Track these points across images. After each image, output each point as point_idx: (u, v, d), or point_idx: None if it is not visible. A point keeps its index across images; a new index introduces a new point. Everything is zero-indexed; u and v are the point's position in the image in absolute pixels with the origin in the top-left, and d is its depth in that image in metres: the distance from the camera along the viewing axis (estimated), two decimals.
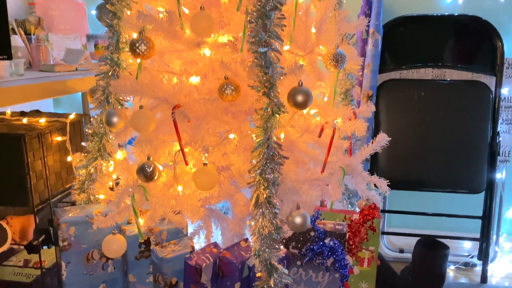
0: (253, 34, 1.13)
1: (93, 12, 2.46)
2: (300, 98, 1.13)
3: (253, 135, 1.14)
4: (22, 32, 1.86)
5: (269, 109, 1.12)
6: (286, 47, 1.30)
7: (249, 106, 1.28)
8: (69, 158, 1.47)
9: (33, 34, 1.96)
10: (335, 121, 1.37)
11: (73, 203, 1.46)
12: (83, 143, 1.40)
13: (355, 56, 1.44)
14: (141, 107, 1.16)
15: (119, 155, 1.44)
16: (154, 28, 1.17)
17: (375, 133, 2.11)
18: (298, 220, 1.18)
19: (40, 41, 1.90)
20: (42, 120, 1.40)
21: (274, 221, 1.14)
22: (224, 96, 1.17)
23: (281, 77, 1.14)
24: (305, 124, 1.31)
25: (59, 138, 1.44)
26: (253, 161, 1.14)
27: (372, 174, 2.13)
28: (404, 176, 2.13)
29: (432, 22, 2.07)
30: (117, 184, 1.48)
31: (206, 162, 1.14)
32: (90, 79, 1.50)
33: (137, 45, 1.11)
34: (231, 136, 1.22)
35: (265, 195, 1.13)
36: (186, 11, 1.26)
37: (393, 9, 2.14)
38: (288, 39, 1.33)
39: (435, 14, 2.08)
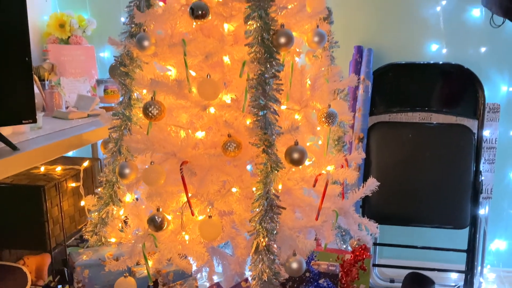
0: (253, 98, 1.23)
1: (101, 54, 2.58)
2: (296, 156, 1.24)
3: (254, 188, 1.24)
4: (37, 79, 1.96)
5: (268, 165, 1.23)
6: (283, 107, 1.40)
7: (249, 158, 1.38)
8: (82, 203, 1.55)
9: (47, 80, 2.06)
10: (328, 168, 1.49)
11: (84, 240, 1.54)
12: (96, 190, 1.48)
13: (346, 111, 1.55)
14: (152, 163, 1.26)
15: (128, 197, 1.54)
16: (165, 91, 1.28)
17: (366, 172, 2.21)
18: (294, 265, 1.27)
19: (53, 87, 2.00)
20: (58, 169, 1.49)
21: (272, 267, 1.23)
22: (227, 153, 1.27)
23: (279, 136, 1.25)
24: (301, 175, 1.41)
25: (73, 184, 1.53)
26: (254, 211, 1.23)
27: (364, 209, 2.25)
28: (394, 211, 2.23)
29: (419, 70, 2.20)
30: (125, 223, 1.58)
31: (211, 215, 1.24)
32: (103, 129, 1.60)
33: (149, 109, 1.22)
34: (234, 190, 1.31)
35: (264, 243, 1.22)
36: (193, 73, 1.37)
37: (383, 57, 2.26)
38: (285, 97, 1.44)
39: (422, 62, 2.20)
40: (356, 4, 2.27)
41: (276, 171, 1.22)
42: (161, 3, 1.47)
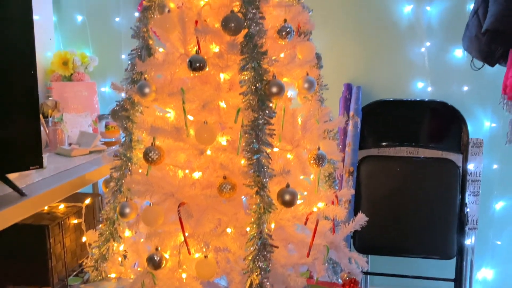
0: (247, 142, 1.30)
1: (103, 89, 2.65)
2: (287, 197, 1.29)
3: (247, 228, 1.29)
4: (41, 116, 2.02)
5: (261, 206, 1.28)
6: (276, 149, 1.46)
7: (244, 194, 1.44)
8: (84, 239, 1.60)
9: (50, 117, 2.12)
10: (319, 205, 1.55)
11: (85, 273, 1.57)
12: (97, 227, 1.53)
13: (335, 151, 1.61)
14: (151, 204, 1.31)
15: (127, 232, 1.58)
16: (164, 136, 1.34)
17: (356, 203, 2.27)
18: None
19: (56, 124, 2.06)
20: (61, 206, 1.54)
21: None
22: (223, 194, 1.33)
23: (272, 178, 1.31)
24: (293, 213, 1.46)
25: (76, 221, 1.57)
26: (248, 249, 1.28)
27: (354, 240, 2.29)
28: (383, 242, 2.28)
29: (406, 106, 2.28)
30: (125, 257, 1.62)
31: (207, 254, 1.29)
32: (104, 168, 1.65)
33: (150, 154, 1.28)
34: (229, 230, 1.37)
35: (257, 281, 1.27)
36: (191, 118, 1.44)
37: (371, 94, 2.34)
38: (277, 138, 1.50)
39: (408, 99, 2.28)
40: (345, 45, 2.36)
41: (268, 212, 1.27)
42: (161, 49, 1.55)
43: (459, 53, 2.22)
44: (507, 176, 2.30)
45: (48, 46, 2.52)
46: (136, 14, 2.54)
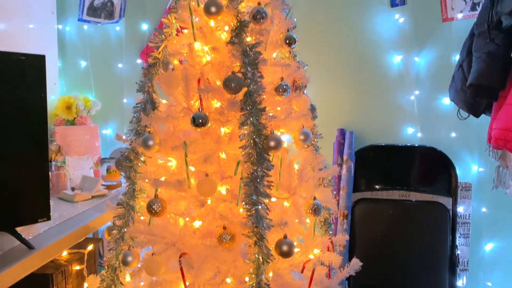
0: (246, 194, 1.34)
1: (104, 132, 2.69)
2: (285, 248, 1.33)
3: (246, 278, 1.32)
4: None
5: (259, 257, 1.31)
6: (273, 199, 1.50)
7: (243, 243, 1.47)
8: (85, 285, 1.61)
9: (53, 161, 2.16)
10: (315, 251, 1.57)
11: None
12: (99, 274, 1.55)
13: (330, 199, 1.65)
14: (153, 254, 1.34)
15: (128, 277, 1.60)
16: (167, 187, 1.38)
17: (351, 244, 2.29)
18: None
19: (59, 168, 2.09)
20: (65, 253, 1.56)
21: None
22: (222, 244, 1.35)
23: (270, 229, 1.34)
24: (290, 262, 1.49)
25: (78, 267, 1.59)
26: None
27: (349, 281, 2.31)
28: (377, 283, 2.29)
29: (397, 151, 2.34)
30: None
31: None
32: (107, 215, 1.68)
33: (153, 206, 1.32)
34: (228, 280, 1.39)
35: None
36: (192, 168, 1.48)
37: (364, 138, 2.40)
38: (275, 187, 1.54)
39: (399, 145, 2.35)
40: (339, 91, 2.44)
41: (267, 263, 1.30)
42: (164, 101, 1.61)
43: (446, 101, 2.30)
44: (496, 218, 2.34)
45: (52, 91, 2.58)
46: (139, 61, 2.62)
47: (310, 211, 1.47)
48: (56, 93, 2.60)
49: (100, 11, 2.61)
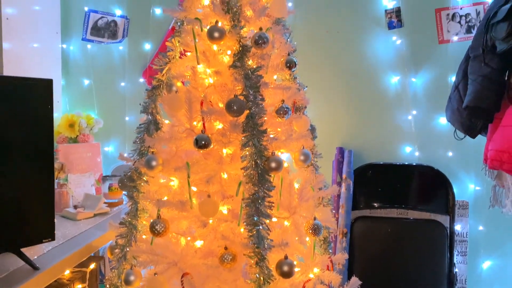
0: (248, 215, 1.35)
1: (106, 149, 2.71)
2: (286, 268, 1.34)
3: None
4: None
5: (260, 277, 1.32)
6: (274, 219, 1.52)
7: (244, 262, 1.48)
8: None
9: (56, 179, 2.17)
10: (315, 270, 1.58)
11: None
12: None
13: (330, 218, 1.66)
14: (155, 274, 1.34)
15: None
16: (169, 208, 1.39)
17: (350, 261, 2.30)
18: None
19: (62, 186, 2.11)
20: (67, 272, 1.56)
21: None
22: (223, 264, 1.36)
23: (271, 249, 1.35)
24: (290, 282, 1.50)
25: (80, 286, 1.59)
26: None
27: None
28: None
29: (395, 170, 2.36)
30: None
31: None
32: (109, 234, 1.69)
33: (156, 227, 1.33)
34: None
35: None
36: (194, 189, 1.49)
37: (363, 157, 2.42)
38: (276, 207, 1.56)
39: (397, 163, 2.37)
40: (338, 111, 2.47)
41: (268, 283, 1.31)
42: (167, 121, 1.63)
43: (443, 120, 2.32)
44: (493, 236, 2.36)
45: (55, 108, 2.58)
46: (141, 80, 2.65)
47: (311, 231, 1.48)
48: (59, 110, 2.63)
49: (103, 31, 2.65)
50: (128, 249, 1.52)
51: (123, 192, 1.88)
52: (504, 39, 1.51)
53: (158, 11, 2.61)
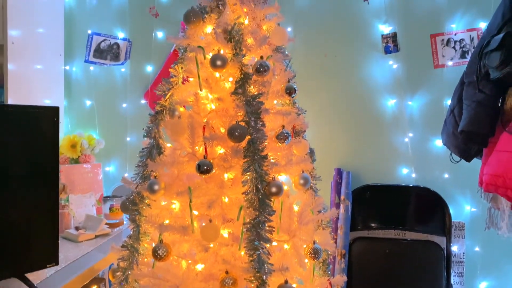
0: (248, 239, 1.36)
1: (107, 169, 2.72)
2: None
3: None
4: None
5: None
6: (274, 243, 1.53)
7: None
8: None
9: None
10: None
11: None
12: None
13: (329, 242, 1.67)
14: None
15: None
16: (171, 232, 1.40)
17: (348, 284, 2.30)
18: None
19: (63, 207, 2.11)
20: None
21: None
22: None
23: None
24: None
25: None
26: None
27: None
28: None
29: (392, 191, 2.38)
30: None
31: None
32: (111, 256, 1.69)
33: (158, 252, 1.34)
34: None
35: None
36: (196, 213, 1.51)
37: (360, 178, 2.44)
38: (276, 230, 1.57)
39: (395, 185, 2.39)
40: (336, 133, 2.50)
41: None
42: (169, 144, 1.65)
43: (439, 143, 2.35)
44: (489, 257, 2.36)
45: None
46: (143, 101, 2.68)
47: (311, 255, 1.50)
48: (61, 131, 2.64)
49: (106, 53, 2.68)
50: (129, 272, 1.53)
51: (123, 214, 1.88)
52: (497, 68, 1.55)
53: (160, 34, 2.65)
